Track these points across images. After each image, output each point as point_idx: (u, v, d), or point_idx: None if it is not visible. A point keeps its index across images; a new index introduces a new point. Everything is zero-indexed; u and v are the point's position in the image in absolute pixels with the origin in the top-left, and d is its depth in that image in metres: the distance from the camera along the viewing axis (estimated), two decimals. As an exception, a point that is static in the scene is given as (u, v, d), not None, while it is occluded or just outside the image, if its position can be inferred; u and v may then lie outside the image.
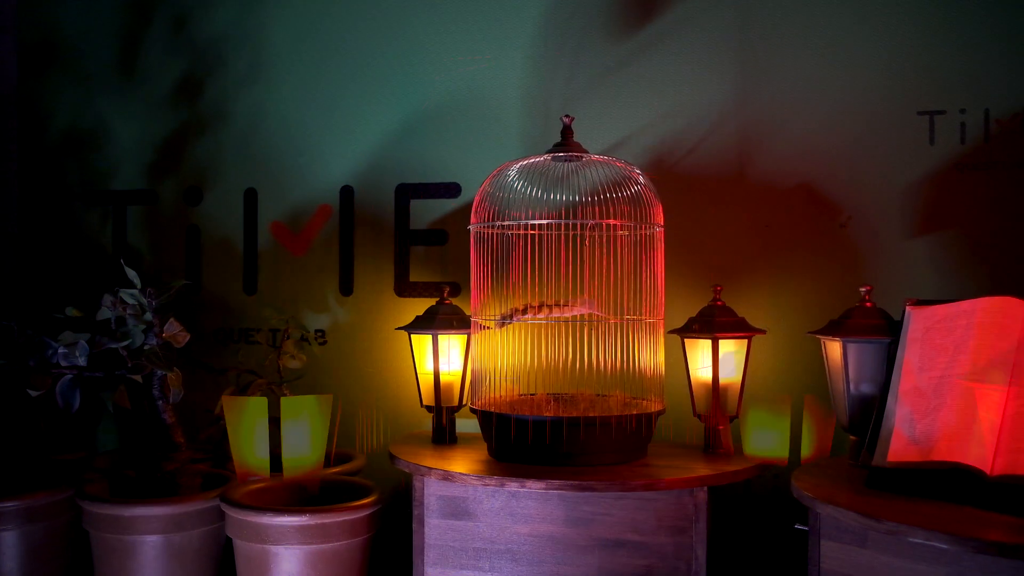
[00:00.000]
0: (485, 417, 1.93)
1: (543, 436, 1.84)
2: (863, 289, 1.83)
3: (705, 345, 1.95)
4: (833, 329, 1.81)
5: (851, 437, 1.82)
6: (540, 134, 2.29)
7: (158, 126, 2.59)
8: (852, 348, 1.78)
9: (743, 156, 2.18)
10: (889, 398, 1.63)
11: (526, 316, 1.91)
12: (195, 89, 2.57)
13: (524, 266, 1.92)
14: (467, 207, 2.30)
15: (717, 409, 1.95)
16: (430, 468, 1.85)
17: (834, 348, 1.82)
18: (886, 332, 1.77)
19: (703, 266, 2.20)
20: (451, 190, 2.37)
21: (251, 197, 2.52)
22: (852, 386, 1.79)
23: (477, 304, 2.00)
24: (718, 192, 2.19)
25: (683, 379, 2.03)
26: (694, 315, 2.01)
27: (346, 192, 2.45)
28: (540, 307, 1.92)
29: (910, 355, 1.62)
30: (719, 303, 1.99)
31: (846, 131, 2.12)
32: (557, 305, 1.93)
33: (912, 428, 1.55)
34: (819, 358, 1.89)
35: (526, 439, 1.86)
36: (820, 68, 2.14)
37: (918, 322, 1.65)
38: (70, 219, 2.67)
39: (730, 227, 2.19)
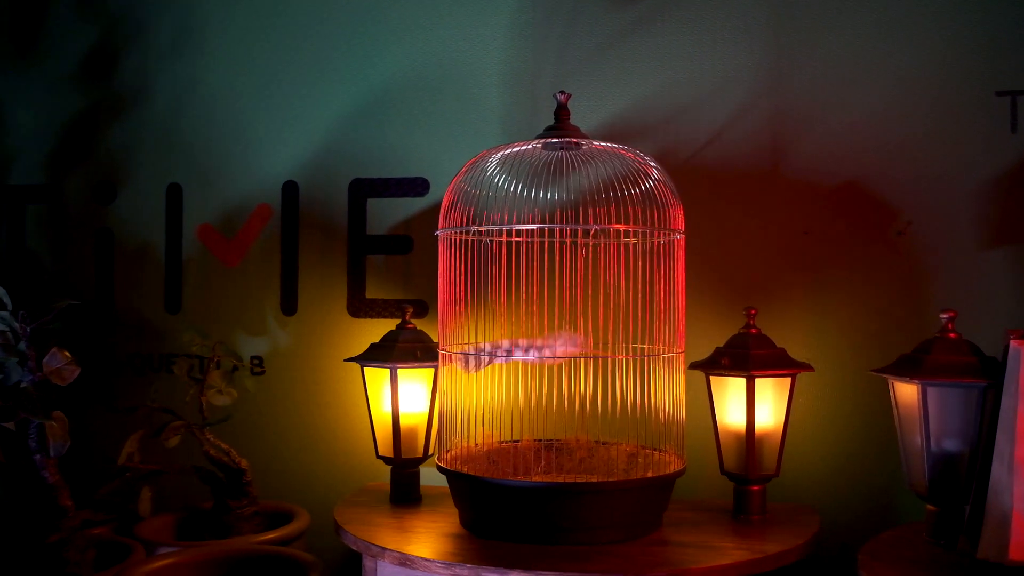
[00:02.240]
0: (456, 479, 1.50)
1: (531, 508, 1.41)
2: (945, 315, 1.42)
3: (737, 385, 1.53)
4: (907, 367, 1.40)
5: (928, 507, 1.41)
6: (527, 118, 1.87)
7: (63, 109, 2.14)
8: (934, 393, 1.37)
9: (777, 147, 1.77)
10: (995, 466, 1.21)
11: (497, 358, 1.48)
12: (108, 64, 2.12)
13: (507, 282, 1.50)
14: (436, 208, 1.87)
15: (752, 466, 1.53)
16: (383, 548, 1.42)
17: (908, 392, 1.40)
18: (979, 373, 1.35)
19: (727, 282, 1.78)
20: (417, 187, 1.94)
21: (175, 194, 2.08)
22: (932, 442, 1.38)
23: (446, 329, 1.57)
24: (746, 191, 1.77)
25: (703, 423, 1.61)
26: (721, 345, 1.59)
27: (289, 189, 2.01)
28: (513, 348, 1.49)
29: (1026, 408, 1.21)
30: (753, 331, 1.57)
31: (906, 117, 1.71)
32: (534, 346, 1.50)
33: (1041, 513, 1.14)
34: (881, 402, 1.48)
35: (508, 510, 1.43)
36: (874, 40, 1.73)
37: (1033, 363, 1.23)
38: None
39: (761, 234, 1.77)
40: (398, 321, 1.76)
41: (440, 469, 1.52)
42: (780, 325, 1.69)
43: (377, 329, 1.89)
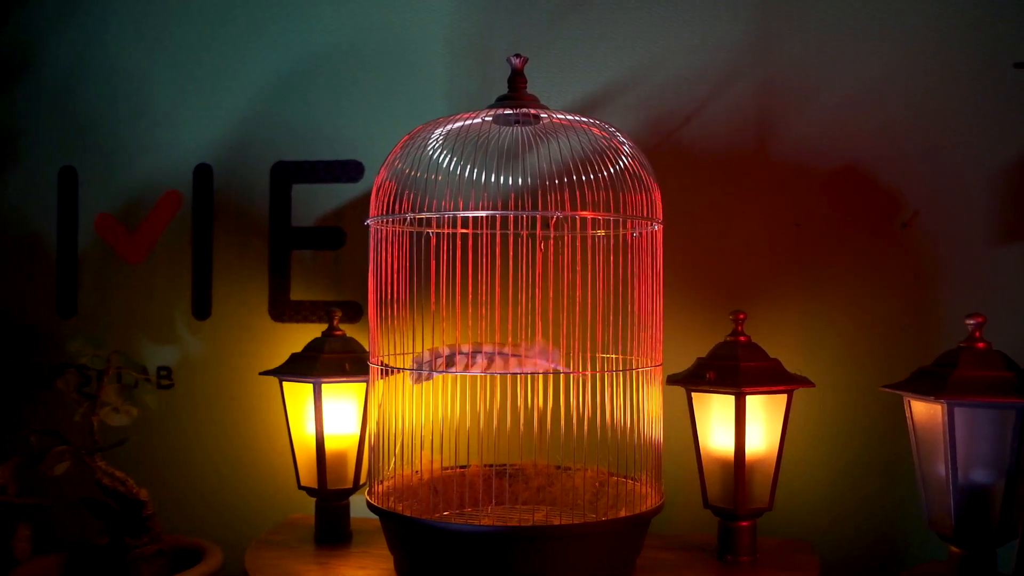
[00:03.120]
0: (389, 521, 1.24)
1: (480, 556, 1.16)
2: (972, 321, 1.20)
3: (724, 403, 1.30)
4: (928, 383, 1.17)
5: (952, 548, 1.18)
6: (477, 91, 1.62)
7: (-63, 78, 1.85)
8: (963, 415, 1.14)
9: (764, 127, 1.54)
10: (1048, 507, 0.99)
11: (451, 369, 1.23)
12: (-9, 27, 1.83)
13: (450, 283, 1.24)
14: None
15: (742, 498, 1.30)
16: (297, 608, 1.16)
17: (929, 413, 1.18)
18: (1017, 390, 1.13)
19: (707, 282, 1.54)
20: (350, 171, 1.68)
21: (68, 179, 1.79)
22: (960, 472, 1.15)
23: (376, 338, 1.31)
24: (728, 177, 1.54)
25: (682, 446, 1.38)
26: (704, 355, 1.35)
27: (202, 173, 1.74)
28: (474, 354, 1.24)
29: (1086, 437, 0.99)
30: (742, 339, 1.34)
31: (911, 91, 1.49)
32: (501, 354, 1.25)
33: (1118, 573, 0.91)
34: (889, 422, 1.26)
35: (452, 559, 1.17)
36: (874, 3, 1.50)
37: (1090, 380, 1.01)
38: None
39: (746, 227, 1.54)
40: (324, 326, 1.50)
41: (371, 507, 1.26)
42: (768, 332, 1.46)
43: (304, 335, 1.64)
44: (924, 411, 1.19)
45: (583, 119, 1.29)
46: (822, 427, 1.47)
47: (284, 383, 1.45)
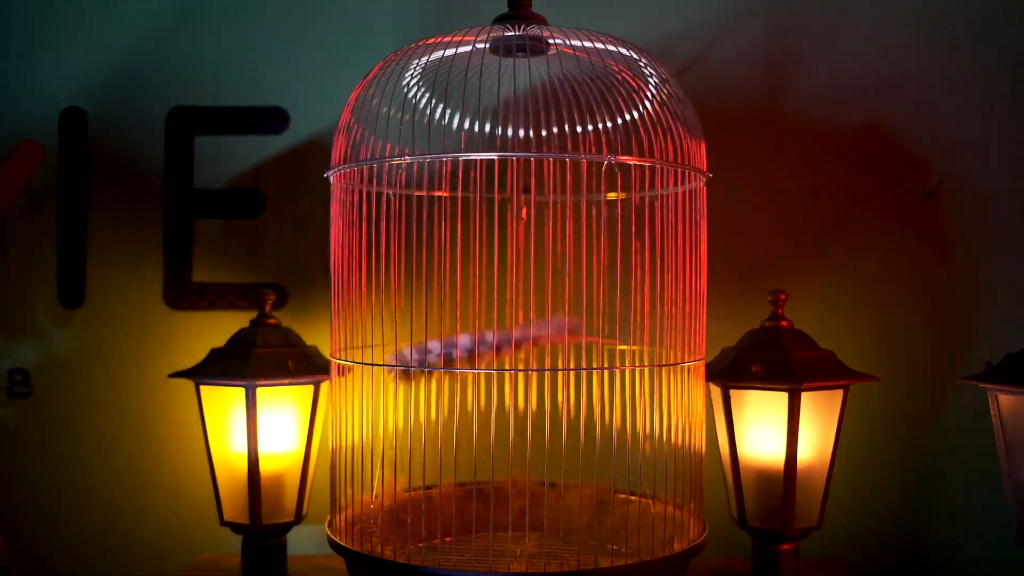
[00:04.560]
0: (359, 564, 0.94)
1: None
2: (1070, 299, 1.02)
3: (771, 401, 1.06)
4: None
5: (1050, 572, 1.00)
6: (434, 21, 1.32)
7: None
8: (1078, 412, 0.96)
9: (774, 78, 1.32)
10: None
11: (457, 363, 0.95)
12: None
13: (446, 254, 0.94)
14: (299, 151, 1.33)
15: (791, 516, 1.07)
16: None
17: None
18: None
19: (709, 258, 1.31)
20: (271, 120, 1.34)
21: None
22: (1067, 481, 0.97)
23: (339, 329, 1.00)
24: (733, 134, 1.31)
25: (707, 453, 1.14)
26: (734, 343, 1.12)
27: (73, 119, 1.36)
28: (482, 344, 0.96)
29: None
30: (784, 324, 1.11)
31: (941, 41, 1.31)
32: (507, 341, 0.97)
33: None
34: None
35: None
36: (896, -61, 1.32)
37: None
38: None
39: (753, 195, 1.32)
40: (239, 315, 1.18)
41: (335, 546, 0.95)
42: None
43: (211, 327, 1.30)
44: (1019, 407, 0.99)
45: (612, 44, 1.02)
46: (861, 426, 1.26)
47: (202, 387, 1.11)
